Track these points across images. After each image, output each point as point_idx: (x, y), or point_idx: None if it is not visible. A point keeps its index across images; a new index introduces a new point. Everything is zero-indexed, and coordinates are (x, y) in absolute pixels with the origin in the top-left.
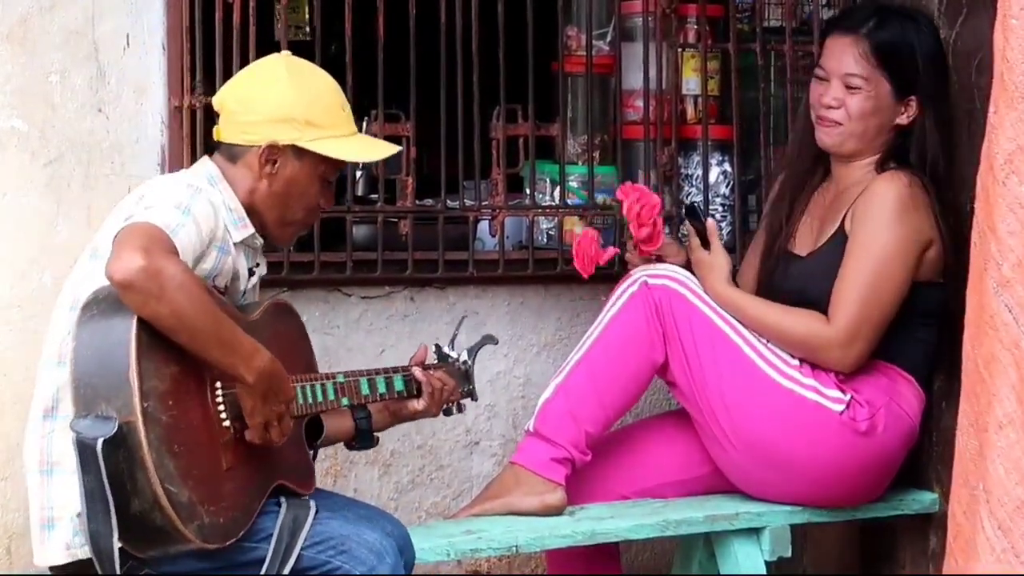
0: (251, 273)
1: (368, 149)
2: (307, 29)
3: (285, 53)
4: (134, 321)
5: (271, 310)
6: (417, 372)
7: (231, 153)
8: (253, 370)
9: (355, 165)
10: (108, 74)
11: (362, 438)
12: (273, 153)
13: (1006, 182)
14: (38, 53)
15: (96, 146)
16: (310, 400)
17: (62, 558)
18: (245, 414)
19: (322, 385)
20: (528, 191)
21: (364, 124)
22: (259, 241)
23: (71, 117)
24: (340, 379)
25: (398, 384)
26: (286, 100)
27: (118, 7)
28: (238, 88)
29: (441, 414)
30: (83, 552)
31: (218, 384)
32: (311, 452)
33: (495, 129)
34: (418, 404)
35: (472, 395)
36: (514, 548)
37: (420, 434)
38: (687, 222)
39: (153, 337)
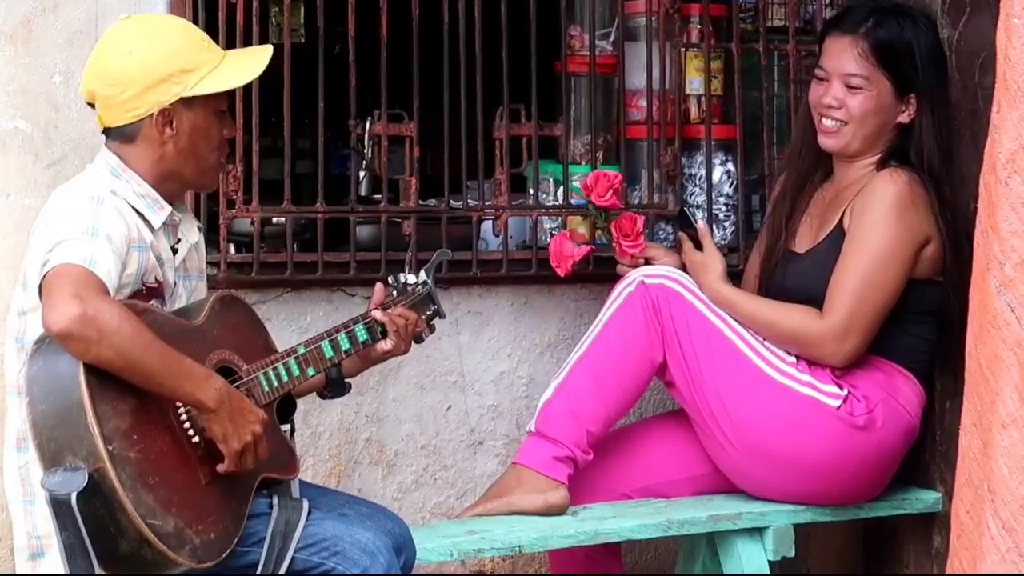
0: (174, 251)
1: (245, 66)
2: (302, 32)
3: (122, 17)
4: (80, 367)
5: (216, 306)
6: (377, 315)
7: (125, 134)
8: (211, 393)
9: (358, 166)
10: None
11: (334, 387)
12: (166, 116)
13: (1008, 182)
14: (41, 53)
15: (99, 146)
16: (275, 384)
17: None
18: (219, 443)
19: (284, 364)
20: (531, 191)
21: (368, 124)
22: (178, 217)
23: (74, 118)
24: (301, 351)
25: (361, 335)
26: (153, 61)
27: (121, 7)
28: (100, 71)
29: (414, 343)
30: None
31: (178, 404)
32: (289, 428)
33: (498, 129)
34: (386, 345)
35: (439, 314)
36: (517, 548)
37: (424, 434)
38: (679, 231)
39: (102, 377)
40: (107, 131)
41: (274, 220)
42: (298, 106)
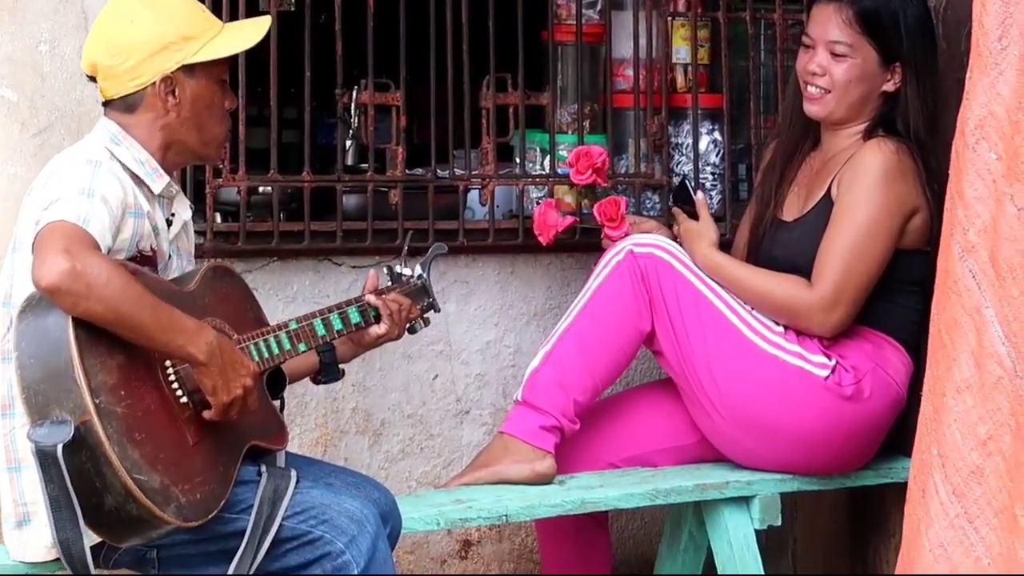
0: (168, 223)
1: (245, 34)
2: (292, 0)
3: None
4: (69, 321)
5: (209, 276)
6: (371, 299)
7: (127, 104)
8: (202, 347)
9: (345, 135)
10: None
11: (327, 371)
12: (169, 84)
13: (976, 148)
14: (27, 22)
15: (86, 115)
16: (266, 355)
17: (42, 555)
18: (208, 395)
19: (275, 337)
20: (518, 160)
21: (355, 93)
22: (175, 190)
23: (61, 87)
24: (293, 326)
25: (354, 317)
26: (154, 30)
27: None
28: (102, 42)
29: (406, 333)
30: None
31: (167, 363)
32: (278, 403)
33: (485, 98)
34: (379, 329)
35: (434, 307)
36: (504, 517)
37: (410, 403)
38: (676, 206)
39: (91, 333)
40: (108, 102)
41: (260, 189)
42: (284, 75)
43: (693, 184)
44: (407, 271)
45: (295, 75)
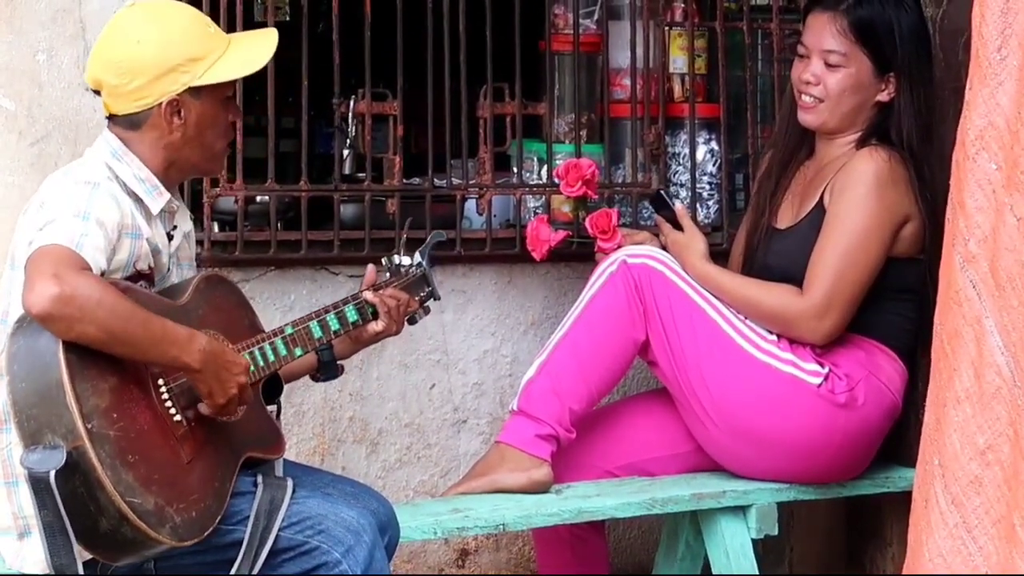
0: (170, 238)
1: (253, 52)
2: (287, 10)
3: (128, 3)
4: (59, 346)
5: (201, 286)
6: (368, 295)
7: (131, 121)
8: (195, 355)
9: (342, 144)
10: None
11: (325, 369)
12: (174, 105)
13: (976, 158)
14: (25, 32)
15: (83, 124)
16: (261, 363)
17: (40, 568)
18: (205, 399)
19: (271, 344)
20: (515, 170)
21: (352, 102)
22: (176, 205)
23: (58, 96)
24: (289, 331)
25: (351, 315)
26: (161, 51)
27: None
28: (108, 60)
29: (407, 324)
30: None
31: (160, 381)
32: (275, 409)
33: (482, 108)
34: (377, 326)
35: (434, 295)
36: (501, 526)
37: (407, 412)
38: (656, 214)
39: (83, 356)
40: (112, 117)
41: (258, 198)
42: (282, 84)
43: (670, 195)
44: (406, 260)
45: (292, 84)
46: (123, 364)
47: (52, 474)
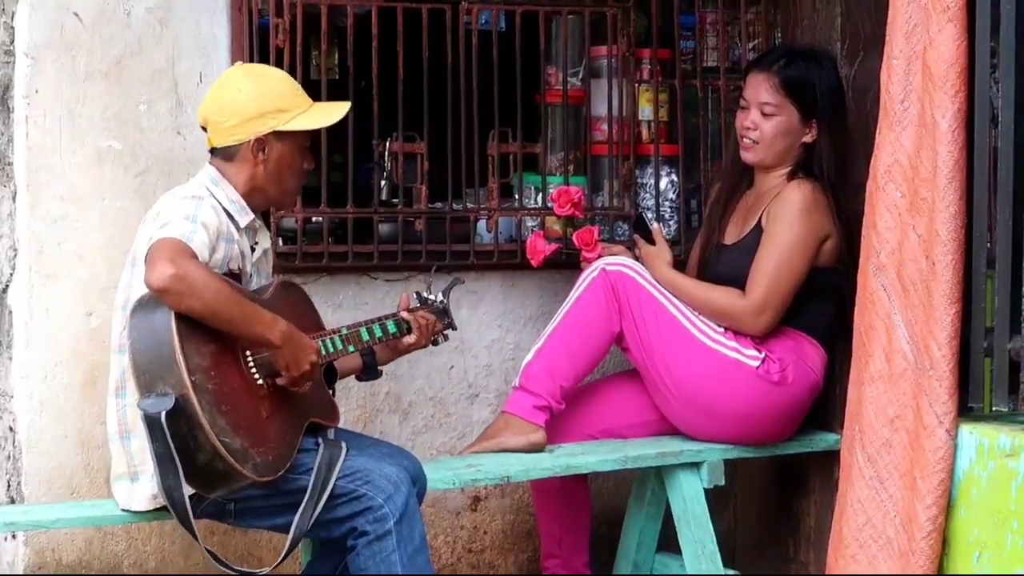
0: (252, 249)
1: (328, 113)
2: (336, 70)
3: (238, 63)
4: (172, 316)
5: (279, 288)
6: (404, 314)
7: (226, 154)
8: (277, 334)
9: (380, 176)
10: (185, 104)
11: (369, 372)
12: (261, 143)
13: (885, 188)
14: (130, 87)
15: (175, 161)
16: (323, 353)
17: (145, 505)
18: (282, 371)
19: (331, 339)
20: (517, 196)
21: (388, 143)
22: (258, 223)
23: (156, 138)
24: (344, 331)
25: (391, 327)
26: (255, 100)
27: (193, 51)
28: (215, 102)
29: (431, 344)
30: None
31: (247, 352)
32: (331, 391)
33: (491, 147)
34: (410, 339)
35: (452, 326)
36: (506, 478)
37: (431, 388)
38: (636, 235)
39: (189, 326)
40: (213, 150)
41: (313, 219)
42: (333, 129)
43: (649, 216)
44: (431, 296)
45: (341, 129)
46: (220, 336)
47: (163, 415)
